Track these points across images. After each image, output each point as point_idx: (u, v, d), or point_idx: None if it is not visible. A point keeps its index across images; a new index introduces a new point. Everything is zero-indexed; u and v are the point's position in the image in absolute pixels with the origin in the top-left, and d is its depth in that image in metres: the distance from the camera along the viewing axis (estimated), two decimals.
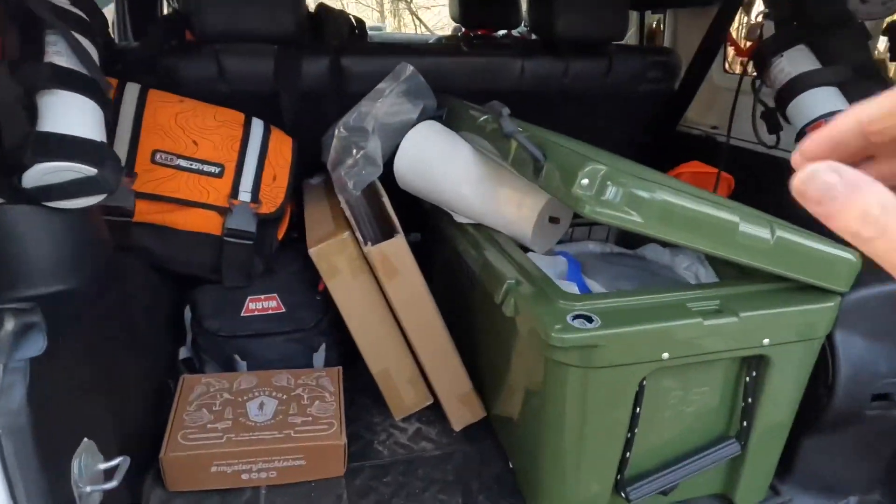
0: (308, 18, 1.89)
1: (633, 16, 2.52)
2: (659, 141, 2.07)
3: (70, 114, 0.93)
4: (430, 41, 2.77)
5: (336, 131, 1.38)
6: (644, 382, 1.00)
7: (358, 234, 1.29)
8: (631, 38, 2.57)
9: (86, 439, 0.83)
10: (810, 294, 1.03)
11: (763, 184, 1.51)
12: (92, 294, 1.01)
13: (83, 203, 0.95)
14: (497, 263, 1.17)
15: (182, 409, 1.26)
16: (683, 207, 0.90)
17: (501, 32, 2.80)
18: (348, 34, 1.92)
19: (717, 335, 0.98)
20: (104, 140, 0.96)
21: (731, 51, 2.10)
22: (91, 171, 0.92)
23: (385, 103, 1.43)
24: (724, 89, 2.05)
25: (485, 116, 1.33)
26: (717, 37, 1.85)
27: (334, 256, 1.31)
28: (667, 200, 0.89)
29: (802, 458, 1.24)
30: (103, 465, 0.85)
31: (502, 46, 1.85)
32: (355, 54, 1.68)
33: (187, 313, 1.51)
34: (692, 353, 0.98)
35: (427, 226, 1.70)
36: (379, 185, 1.42)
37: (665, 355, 0.96)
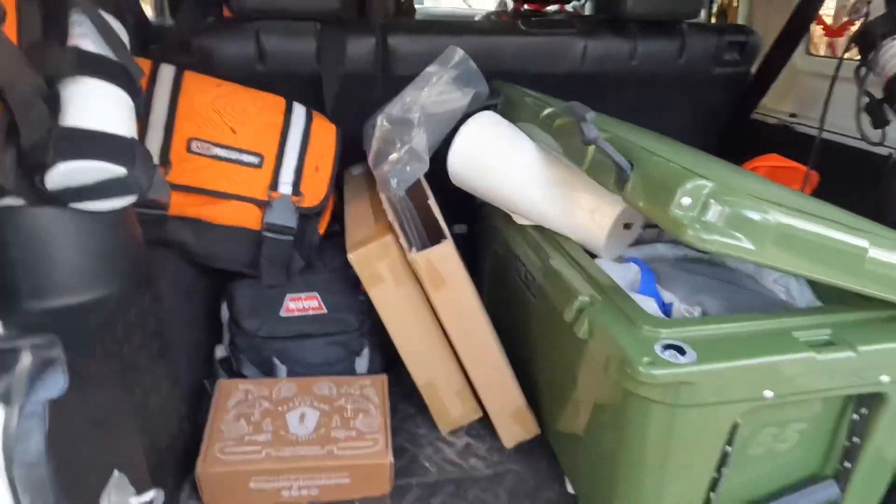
0: None
1: None
2: (732, 129, 1.89)
3: (97, 105, 0.83)
4: (477, 17, 2.61)
5: (378, 122, 1.26)
6: (739, 421, 0.87)
7: (402, 239, 1.17)
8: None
9: (115, 472, 0.75)
10: None
11: (855, 183, 1.34)
12: (123, 301, 0.92)
13: (112, 205, 0.86)
14: (566, 274, 1.04)
15: (219, 419, 1.18)
16: (805, 232, 0.75)
17: (553, 7, 2.62)
18: (395, 10, 1.78)
19: (829, 372, 0.85)
20: (135, 135, 0.86)
21: (817, 30, 1.89)
22: (121, 170, 0.82)
23: (432, 91, 1.30)
24: (807, 73, 1.85)
25: (549, 109, 1.20)
26: (806, 15, 1.65)
27: (376, 262, 1.19)
28: (785, 224, 0.75)
29: None
30: (135, 501, 0.77)
31: (561, 24, 1.68)
32: (403, 33, 1.55)
33: (224, 310, 1.43)
34: (799, 391, 0.85)
35: (478, 219, 1.58)
36: (424, 182, 1.29)
37: (768, 394, 0.83)
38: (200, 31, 1.43)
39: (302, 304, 1.42)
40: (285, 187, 1.36)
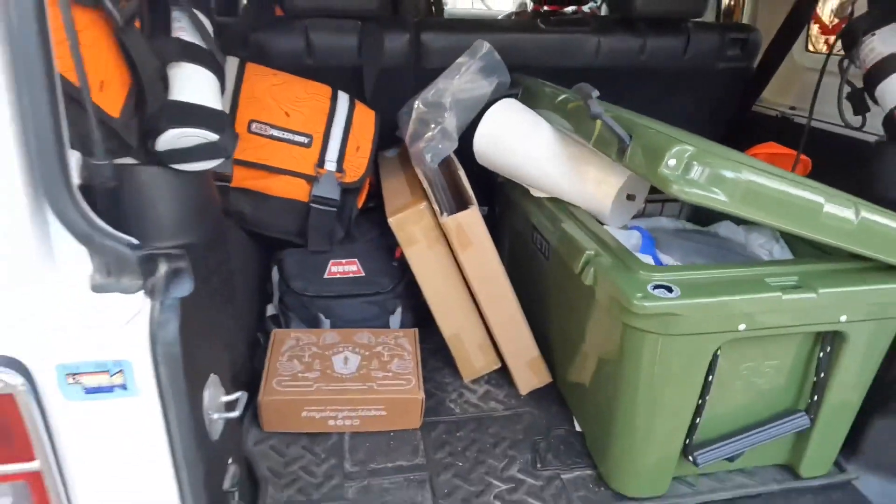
0: None
1: None
2: (735, 120, 2.05)
3: (195, 85, 1.03)
4: (500, 17, 2.79)
5: (415, 106, 1.45)
6: (718, 352, 1.03)
7: (434, 205, 1.36)
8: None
9: (212, 374, 0.94)
10: (891, 274, 1.04)
11: (842, 166, 1.49)
12: (205, 249, 1.12)
13: (204, 166, 1.05)
14: (576, 235, 1.21)
15: (275, 359, 1.38)
16: (769, 187, 0.92)
17: (570, 8, 2.79)
18: (426, 10, 1.97)
19: (795, 310, 1.01)
20: (223, 109, 1.06)
21: (814, 28, 2.03)
22: (214, 136, 1.01)
23: (462, 79, 1.49)
24: (805, 69, 2.00)
25: (563, 96, 1.37)
26: (803, 13, 1.80)
27: (412, 226, 1.38)
28: (752, 180, 0.92)
29: (871, 439, 1.25)
30: (225, 398, 0.96)
31: (577, 23, 1.86)
32: (434, 30, 1.73)
33: (275, 274, 1.63)
34: (769, 325, 1.02)
35: (497, 199, 1.76)
36: (454, 158, 1.48)
37: (742, 327, 1.00)
38: (257, 28, 1.63)
39: (343, 268, 1.61)
40: (330, 164, 1.55)
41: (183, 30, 1.08)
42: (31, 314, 0.71)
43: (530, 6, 3.27)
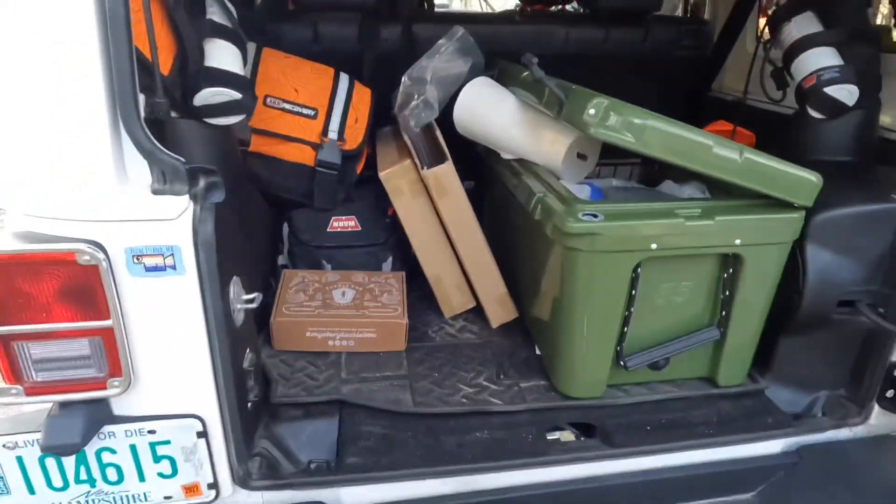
0: None
1: None
2: (693, 104, 2.30)
3: (224, 55, 1.31)
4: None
5: (402, 80, 1.72)
6: (639, 270, 1.29)
7: (417, 161, 1.62)
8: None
9: (236, 276, 1.20)
10: (778, 207, 1.29)
11: (775, 137, 1.74)
12: (230, 188, 1.39)
13: (229, 121, 1.33)
14: (531, 184, 1.48)
15: (285, 292, 1.65)
16: (668, 131, 1.18)
17: (555, 8, 3.06)
18: (417, 4, 2.25)
19: (696, 234, 1.27)
20: (245, 75, 1.33)
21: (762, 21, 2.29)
22: (238, 95, 1.29)
23: (441, 59, 1.76)
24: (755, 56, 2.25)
25: (526, 73, 1.64)
26: (745, 7, 2.06)
27: (398, 179, 1.65)
28: (655, 125, 1.18)
29: (779, 356, 1.50)
30: (245, 297, 1.22)
31: (548, 16, 2.13)
32: (424, 22, 2.01)
33: (285, 229, 1.91)
34: (676, 245, 1.27)
35: (479, 170, 2.02)
36: (435, 125, 1.75)
37: (653, 245, 1.26)
38: (273, 19, 1.92)
39: (343, 223, 1.89)
40: (333, 133, 1.83)
41: (214, 14, 1.36)
42: (110, 210, 0.98)
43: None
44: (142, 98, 1.00)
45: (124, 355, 1.05)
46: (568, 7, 3.07)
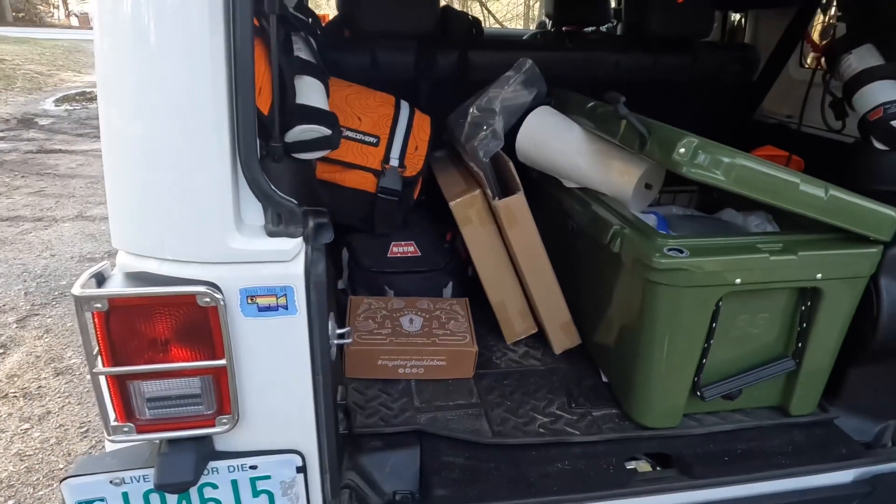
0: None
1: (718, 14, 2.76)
2: (738, 128, 2.33)
3: (313, 92, 1.33)
4: (525, 37, 3.10)
5: (470, 111, 1.75)
6: (720, 303, 1.31)
7: (487, 192, 1.65)
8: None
9: (331, 312, 1.22)
10: (857, 241, 1.31)
11: (829, 164, 1.77)
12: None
13: (316, 155, 1.35)
14: (604, 215, 1.50)
15: (353, 319, 1.67)
16: (756, 169, 1.21)
17: (590, 28, 3.10)
18: (469, 31, 2.28)
19: (779, 268, 1.29)
20: (331, 111, 1.36)
21: (808, 48, 2.32)
22: (327, 132, 1.31)
23: (508, 90, 1.78)
24: (800, 82, 2.29)
25: (591, 103, 1.66)
26: (793, 35, 2.09)
27: (467, 209, 1.67)
28: (744, 164, 1.20)
29: (849, 385, 1.51)
30: (339, 331, 1.24)
31: (599, 43, 2.16)
32: (479, 48, 2.04)
33: (344, 254, 1.93)
34: (760, 280, 1.29)
35: (532, 192, 2.05)
36: (503, 155, 1.77)
37: (738, 280, 1.28)
38: (333, 47, 1.95)
39: (402, 248, 1.91)
40: (394, 161, 1.85)
41: (300, 50, 1.39)
42: (227, 251, 1.00)
43: (549, 25, 3.58)
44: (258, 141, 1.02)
45: (233, 393, 1.06)
46: (602, 28, 3.11)
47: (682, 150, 1.20)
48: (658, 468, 1.43)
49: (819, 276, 1.30)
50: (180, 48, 0.91)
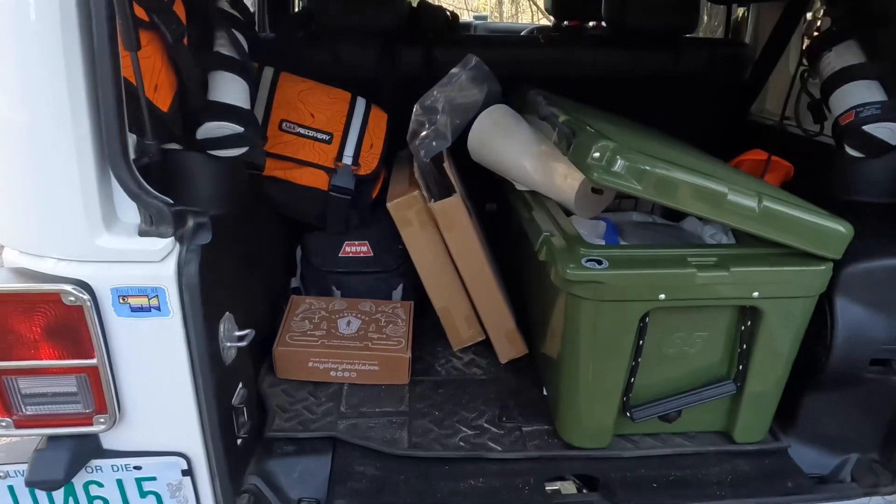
0: (409, 12, 2.21)
1: (721, 9, 2.60)
2: (729, 129, 2.19)
3: (228, 89, 1.31)
4: (524, 33, 3.02)
5: (414, 109, 1.69)
6: (647, 319, 1.22)
7: (424, 193, 1.58)
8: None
9: (227, 312, 1.20)
10: (804, 258, 1.19)
11: (815, 168, 1.63)
12: (233, 220, 1.39)
13: (232, 153, 1.33)
14: (540, 221, 1.42)
15: (290, 319, 1.64)
16: (678, 179, 1.11)
17: (592, 23, 2.98)
18: (443, 27, 2.21)
19: (710, 285, 1.18)
20: (250, 108, 1.33)
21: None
22: (239, 129, 1.29)
23: (453, 88, 1.71)
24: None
25: (544, 103, 1.58)
26: (784, 30, 1.94)
27: (406, 210, 1.62)
28: (663, 174, 1.10)
29: (804, 412, 1.39)
30: (237, 333, 1.22)
31: (572, 38, 2.06)
32: (446, 46, 1.98)
33: (298, 252, 1.90)
34: (687, 297, 1.19)
35: (499, 196, 1.97)
36: (447, 154, 1.70)
37: (661, 296, 1.18)
38: (293, 43, 1.92)
39: (355, 248, 1.87)
40: (347, 159, 1.81)
41: (223, 46, 1.36)
42: (97, 250, 0.99)
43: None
44: (133, 138, 1.00)
45: (109, 393, 1.05)
46: (604, 23, 2.98)
47: (597, 154, 1.12)
48: (585, 491, 1.35)
49: (756, 294, 1.19)
50: (32, 43, 0.89)
